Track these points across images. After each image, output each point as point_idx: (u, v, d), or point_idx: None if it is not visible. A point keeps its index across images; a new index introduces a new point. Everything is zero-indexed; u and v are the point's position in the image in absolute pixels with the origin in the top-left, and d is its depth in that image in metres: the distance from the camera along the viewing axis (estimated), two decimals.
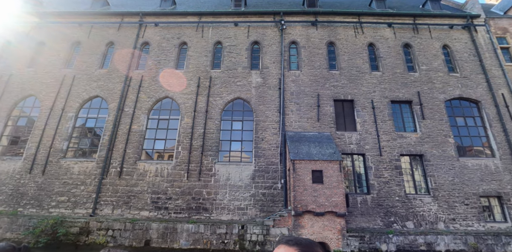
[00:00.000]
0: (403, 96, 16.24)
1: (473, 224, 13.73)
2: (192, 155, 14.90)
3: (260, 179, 14.39)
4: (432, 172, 14.67)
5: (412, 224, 13.70)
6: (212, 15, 18.40)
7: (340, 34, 17.88)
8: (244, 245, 11.98)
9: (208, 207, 13.96)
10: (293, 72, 16.78)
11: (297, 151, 13.40)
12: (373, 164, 14.73)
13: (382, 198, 14.11)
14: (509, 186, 14.47)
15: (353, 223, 13.68)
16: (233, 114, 16.07)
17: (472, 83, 16.65)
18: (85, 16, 18.68)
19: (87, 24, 18.48)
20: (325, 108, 15.85)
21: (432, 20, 18.39)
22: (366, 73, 16.76)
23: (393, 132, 15.39)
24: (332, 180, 12.56)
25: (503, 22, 18.71)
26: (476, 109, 16.40)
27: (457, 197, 14.22)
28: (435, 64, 17.08)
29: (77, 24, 18.49)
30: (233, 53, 17.39)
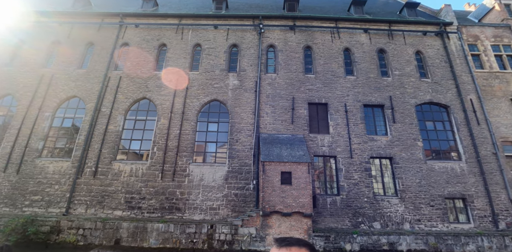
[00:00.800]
0: (376, 100, 16.71)
1: (437, 225, 14.24)
2: (167, 155, 15.13)
3: (233, 180, 14.69)
4: (401, 174, 15.15)
5: (379, 224, 14.14)
6: (192, 17, 18.66)
7: (317, 38, 18.30)
8: (213, 244, 12.27)
9: (181, 207, 14.20)
10: (270, 75, 17.13)
11: (268, 152, 13.74)
12: (343, 166, 15.15)
13: (351, 199, 14.53)
14: (473, 188, 15.03)
15: (322, 223, 14.06)
16: (209, 116, 16.35)
17: (442, 89, 17.21)
18: (66, 15, 18.75)
19: (68, 24, 18.55)
20: (300, 111, 16.23)
21: (406, 26, 18.94)
22: (340, 78, 17.20)
23: (364, 135, 15.84)
24: (300, 181, 12.93)
25: (475, 29, 19.35)
26: (446, 113, 16.96)
27: (423, 199, 14.72)
28: (408, 70, 17.61)
29: (57, 24, 18.55)
30: (211, 55, 17.66)
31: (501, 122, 16.68)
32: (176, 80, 16.81)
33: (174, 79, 16.87)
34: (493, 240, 12.73)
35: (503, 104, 17.16)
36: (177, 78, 16.90)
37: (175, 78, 16.88)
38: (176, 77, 16.92)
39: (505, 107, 17.09)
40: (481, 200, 14.84)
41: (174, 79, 16.87)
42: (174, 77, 16.93)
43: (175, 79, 16.86)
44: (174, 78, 16.88)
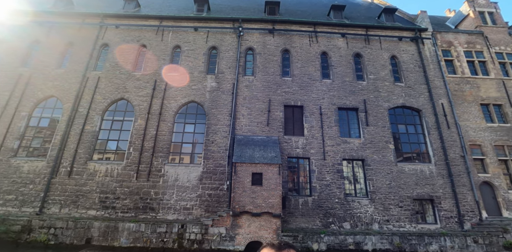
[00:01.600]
0: (350, 103, 17.12)
1: (405, 225, 14.69)
2: (143, 155, 15.30)
3: (208, 180, 14.93)
4: (372, 176, 15.57)
5: (349, 224, 14.53)
6: (173, 19, 18.85)
7: (295, 42, 18.66)
8: (183, 244, 12.49)
9: (155, 207, 14.38)
10: (248, 78, 17.42)
11: (240, 154, 14.02)
12: (316, 167, 15.50)
13: (322, 200, 14.89)
14: (441, 190, 15.53)
15: (294, 223, 14.39)
16: (186, 117, 16.56)
17: (415, 93, 17.71)
18: (46, 15, 18.75)
19: (48, 23, 18.56)
20: (275, 114, 16.55)
21: (383, 31, 19.42)
22: (317, 81, 17.57)
23: (338, 137, 16.23)
24: (270, 182, 13.24)
25: (449, 36, 19.93)
26: (418, 117, 17.46)
27: (393, 200, 15.16)
28: (383, 74, 18.07)
29: (37, 23, 18.56)
30: (190, 57, 17.88)
31: (470, 126, 17.24)
32: (154, 82, 16.96)
33: (152, 80, 17.02)
34: (455, 240, 13.20)
35: (473, 109, 17.73)
36: (155, 79, 17.06)
37: (153, 80, 17.03)
38: (154, 78, 17.08)
39: (474, 111, 17.66)
40: (448, 201, 15.35)
41: (152, 80, 17.03)
42: (153, 78, 17.08)
43: (153, 80, 17.01)
44: (152, 80, 17.04)
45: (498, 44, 19.94)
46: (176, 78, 17.23)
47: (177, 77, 17.26)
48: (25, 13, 18.62)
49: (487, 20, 20.94)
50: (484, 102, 18.01)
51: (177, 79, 17.20)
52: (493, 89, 18.39)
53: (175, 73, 17.39)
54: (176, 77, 17.25)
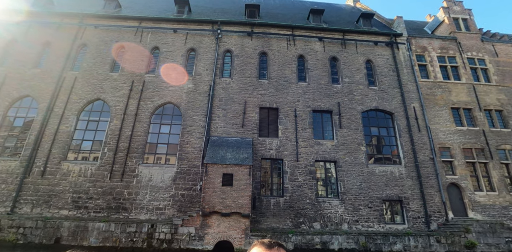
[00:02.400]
0: (325, 106, 17.50)
1: (374, 225, 15.10)
2: (117, 156, 15.40)
3: (181, 181, 15.11)
4: (343, 177, 15.95)
5: (319, 224, 14.87)
6: (152, 20, 18.99)
7: (273, 45, 18.97)
8: (152, 243, 12.65)
9: (127, 207, 14.50)
10: (224, 80, 17.66)
11: (212, 155, 14.24)
12: (289, 168, 15.82)
13: (294, 200, 15.20)
14: (410, 191, 16.00)
15: (265, 223, 14.66)
16: (162, 118, 16.72)
17: (388, 96, 18.18)
18: (25, 14, 18.69)
19: (26, 22, 18.51)
20: (251, 115, 16.82)
21: (359, 36, 19.87)
22: (293, 83, 17.91)
23: (311, 139, 16.58)
24: (241, 183, 13.49)
25: (424, 41, 20.49)
26: (390, 120, 17.93)
27: (363, 201, 15.56)
28: (357, 78, 18.50)
29: (15, 22, 18.48)
30: (169, 59, 18.04)
31: (440, 129, 17.77)
32: (131, 82, 17.08)
33: (130, 81, 17.14)
34: (419, 240, 13.64)
35: (444, 113, 18.27)
36: (132, 80, 17.18)
37: (131, 80, 17.15)
38: (131, 79, 17.20)
39: (445, 115, 18.21)
40: (416, 202, 15.81)
41: (129, 81, 17.14)
42: (130, 79, 17.20)
43: (131, 81, 17.13)
44: (130, 80, 17.15)
45: (470, 50, 20.57)
46: (153, 79, 17.36)
47: (154, 78, 17.39)
48: (3, 12, 18.53)
49: (461, 26, 21.58)
50: (454, 106, 18.58)
51: (155, 80, 17.33)
52: (464, 94, 18.99)
53: (152, 74, 17.51)
54: (153, 79, 17.37)
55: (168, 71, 17.69)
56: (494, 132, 18.14)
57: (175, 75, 17.57)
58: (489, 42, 21.10)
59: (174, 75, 17.57)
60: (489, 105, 18.86)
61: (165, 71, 17.67)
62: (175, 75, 17.57)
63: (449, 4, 22.43)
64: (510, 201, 16.54)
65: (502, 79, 19.83)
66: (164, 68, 17.72)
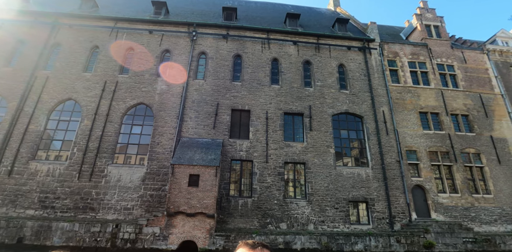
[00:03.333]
0: (296, 109, 17.85)
1: (339, 226, 15.49)
2: (86, 156, 15.43)
3: (150, 181, 15.23)
4: (311, 178, 16.31)
5: (286, 225, 15.18)
6: (128, 21, 19.05)
7: (248, 48, 19.25)
8: (116, 243, 12.75)
9: (95, 207, 14.55)
10: (198, 82, 17.85)
11: (180, 156, 14.42)
12: (258, 170, 16.10)
13: (262, 201, 15.48)
14: (376, 193, 16.46)
15: (232, 223, 14.90)
16: (134, 119, 16.81)
17: (358, 100, 18.66)
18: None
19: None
20: (223, 117, 17.05)
21: (333, 41, 20.32)
22: (266, 86, 18.22)
23: (281, 141, 16.90)
24: (207, 183, 13.70)
25: (396, 47, 21.08)
26: (360, 123, 18.39)
27: (329, 202, 15.94)
28: (330, 81, 18.93)
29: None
30: (143, 59, 18.14)
31: (408, 132, 18.33)
32: (104, 83, 17.12)
33: (102, 81, 17.18)
34: (379, 240, 14.07)
35: (412, 117, 18.84)
36: (105, 80, 17.22)
37: (103, 81, 17.19)
38: (104, 80, 17.24)
39: (413, 119, 18.78)
40: (381, 204, 16.28)
41: (102, 81, 17.18)
42: (103, 80, 17.23)
43: (103, 81, 17.17)
44: (102, 81, 17.19)
45: (440, 56, 21.25)
46: (126, 80, 17.44)
47: (127, 79, 17.47)
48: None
49: (432, 33, 22.26)
50: (422, 110, 19.18)
51: (128, 81, 17.41)
52: (432, 99, 19.61)
53: (125, 75, 17.59)
54: (127, 79, 17.46)
55: (142, 72, 17.78)
56: (460, 135, 18.79)
57: (148, 76, 17.68)
58: (458, 49, 21.82)
59: (147, 76, 17.67)
60: (456, 110, 19.52)
61: (139, 72, 17.76)
62: (149, 76, 17.68)
63: (422, 11, 23.12)
64: (472, 203, 17.16)
65: (469, 85, 20.55)
66: (138, 69, 17.81)
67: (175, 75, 17.84)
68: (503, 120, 19.69)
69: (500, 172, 18.16)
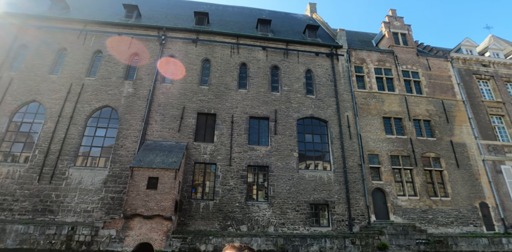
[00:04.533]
0: (262, 113, 18.20)
1: (299, 228, 15.84)
2: (48, 158, 15.41)
3: (112, 184, 15.31)
4: (273, 181, 16.64)
5: (246, 227, 15.45)
6: (98, 24, 19.13)
7: (217, 52, 19.56)
8: (71, 245, 12.79)
9: (54, 209, 14.54)
10: (165, 85, 18.04)
11: (140, 158, 14.56)
12: (221, 173, 16.35)
13: (223, 203, 15.72)
14: (337, 196, 16.89)
15: (193, 226, 15.09)
16: (99, 121, 16.87)
17: (324, 105, 19.13)
18: None
19: None
20: (188, 120, 17.27)
21: (302, 47, 20.81)
22: (233, 90, 18.53)
23: (246, 145, 17.20)
24: (165, 186, 13.88)
25: (363, 53, 21.70)
26: (325, 127, 18.85)
27: (290, 204, 16.28)
28: (296, 86, 19.37)
29: None
30: (111, 62, 18.23)
31: (371, 137, 18.87)
32: (70, 85, 17.15)
33: (68, 83, 17.20)
34: (334, 242, 14.46)
35: (376, 121, 19.41)
36: (71, 83, 17.25)
37: (69, 83, 17.21)
38: (70, 82, 17.26)
39: (377, 124, 19.35)
40: (341, 206, 16.71)
41: (68, 83, 17.20)
42: (69, 82, 17.26)
43: (69, 83, 17.20)
44: (68, 83, 17.22)
45: (406, 63, 21.96)
46: (93, 82, 17.51)
47: (94, 82, 17.54)
48: None
49: (399, 40, 23.00)
50: (386, 115, 19.77)
51: (94, 84, 17.48)
52: (396, 104, 20.24)
53: (92, 78, 17.66)
54: (93, 82, 17.53)
55: (109, 75, 17.88)
56: (421, 140, 19.44)
57: (115, 79, 17.78)
58: (424, 56, 22.59)
59: (114, 79, 17.78)
60: (418, 116, 20.19)
61: (106, 74, 17.85)
62: (116, 79, 17.79)
63: (390, 19, 23.86)
64: (430, 205, 17.76)
65: (433, 91, 21.28)
66: (105, 72, 17.90)
67: (142, 79, 17.98)
68: (463, 125, 20.45)
69: (458, 176, 18.85)
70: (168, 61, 18.89)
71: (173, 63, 18.93)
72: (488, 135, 20.53)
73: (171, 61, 18.95)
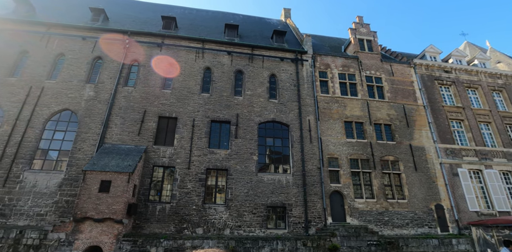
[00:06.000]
0: (224, 117, 18.47)
1: (255, 230, 16.10)
2: (2, 162, 15.35)
3: (68, 187, 15.32)
4: (232, 184, 16.88)
5: (202, 230, 15.63)
6: (62, 27, 19.17)
7: (182, 56, 19.78)
8: (18, 249, 12.77)
9: (6, 213, 14.48)
10: (127, 89, 18.17)
11: (95, 162, 14.65)
12: (180, 176, 16.52)
13: (180, 206, 15.89)
14: (294, 198, 17.22)
15: (148, 229, 15.20)
16: (58, 125, 16.87)
17: (286, 109, 19.51)
18: None
19: None
20: (149, 124, 17.42)
21: (267, 52, 21.19)
22: (195, 94, 18.76)
23: (205, 148, 17.42)
24: (118, 189, 13.99)
25: (328, 59, 22.21)
26: (287, 131, 19.21)
27: (248, 207, 16.54)
28: (259, 91, 19.71)
29: None
30: (73, 66, 18.28)
31: (331, 141, 19.30)
32: (29, 88, 17.13)
33: (28, 86, 17.18)
34: (286, 243, 14.75)
35: (337, 125, 19.86)
36: (31, 85, 17.24)
37: (29, 86, 17.20)
38: (30, 85, 17.25)
39: (338, 128, 19.80)
40: (298, 209, 17.04)
41: (27, 86, 17.18)
42: (28, 85, 17.24)
43: (29, 86, 17.18)
44: (28, 86, 17.20)
45: (369, 68, 22.54)
46: (53, 85, 17.53)
47: (55, 85, 17.56)
48: None
49: (365, 46, 23.60)
50: (348, 120, 20.25)
51: (55, 87, 17.50)
52: (358, 109, 20.75)
53: (53, 81, 17.68)
54: (54, 85, 17.54)
55: (71, 78, 17.92)
56: (381, 144, 19.96)
57: (77, 82, 17.84)
58: (387, 62, 23.22)
59: (76, 82, 17.83)
60: (379, 120, 20.73)
61: (68, 78, 17.89)
62: (77, 82, 17.84)
63: (357, 26, 24.47)
64: (386, 207, 18.24)
65: (395, 96, 21.89)
66: (66, 75, 17.94)
67: (104, 82, 18.07)
68: (423, 130, 21.07)
69: (415, 178, 19.40)
70: (131, 65, 19.03)
71: (135, 67, 19.07)
72: (447, 139, 21.20)
73: (134, 65, 19.08)
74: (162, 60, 19.41)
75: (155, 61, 19.25)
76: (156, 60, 19.31)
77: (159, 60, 19.35)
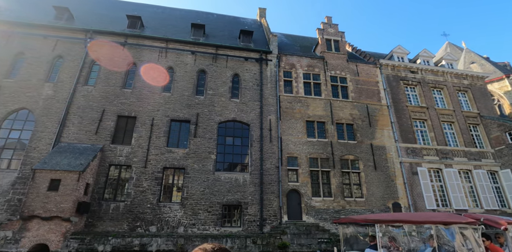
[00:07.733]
0: (184, 116, 18.64)
1: (210, 228, 16.34)
2: None
3: (21, 186, 15.42)
4: (188, 183, 17.10)
5: (155, 228, 15.84)
6: (23, 25, 19.14)
7: (144, 56, 19.88)
8: None
9: None
10: (87, 88, 18.25)
11: (46, 161, 14.77)
12: (136, 174, 16.70)
13: (135, 205, 16.07)
14: (251, 197, 17.47)
15: (101, 227, 15.38)
16: (14, 124, 16.93)
17: (247, 109, 19.71)
18: None
19: None
20: (107, 123, 17.54)
21: (232, 52, 21.34)
22: (156, 94, 18.89)
23: (163, 147, 17.60)
24: (67, 188, 14.13)
25: (293, 59, 22.42)
26: (247, 131, 19.43)
27: (203, 205, 16.77)
28: (221, 90, 19.88)
29: None
30: (33, 64, 18.31)
31: (292, 140, 19.56)
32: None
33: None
34: (236, 241, 15.02)
35: (299, 125, 20.12)
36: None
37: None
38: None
39: (299, 127, 20.06)
40: (254, 207, 17.31)
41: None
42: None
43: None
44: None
45: (335, 68, 22.80)
46: (11, 84, 17.56)
47: (13, 83, 17.60)
48: None
49: (332, 47, 23.83)
50: (310, 119, 20.52)
51: (13, 86, 17.54)
52: (320, 108, 21.02)
53: (11, 80, 17.71)
54: (12, 84, 17.58)
55: (30, 77, 17.96)
56: (342, 143, 20.26)
57: (36, 81, 17.88)
58: (353, 62, 23.49)
59: (35, 81, 17.87)
60: (342, 120, 21.02)
61: (27, 76, 17.92)
62: (36, 81, 17.89)
63: (325, 26, 24.68)
64: (343, 206, 18.57)
65: (359, 96, 22.18)
66: (26, 74, 17.97)
67: (63, 81, 18.14)
68: (385, 129, 21.40)
69: (374, 177, 19.75)
70: (92, 64, 19.10)
71: (97, 66, 19.14)
72: (409, 138, 21.56)
73: (95, 64, 19.16)
74: (124, 59, 19.49)
75: (116, 61, 19.32)
76: (118, 60, 19.38)
77: (121, 60, 19.43)
